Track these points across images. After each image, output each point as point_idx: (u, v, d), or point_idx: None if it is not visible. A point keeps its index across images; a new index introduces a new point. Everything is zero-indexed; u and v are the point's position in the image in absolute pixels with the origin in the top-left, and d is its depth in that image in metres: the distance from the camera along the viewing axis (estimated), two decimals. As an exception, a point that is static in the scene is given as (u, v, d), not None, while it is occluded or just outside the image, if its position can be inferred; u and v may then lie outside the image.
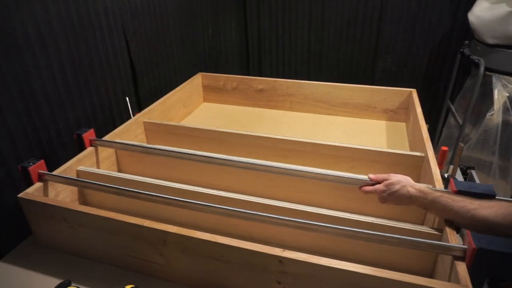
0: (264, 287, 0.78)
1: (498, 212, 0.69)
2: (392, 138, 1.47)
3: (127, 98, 1.42)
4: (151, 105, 1.45)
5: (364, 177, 0.94)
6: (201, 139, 1.30)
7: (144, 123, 1.37)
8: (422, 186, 0.84)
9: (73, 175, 1.06)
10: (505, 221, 0.68)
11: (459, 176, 1.37)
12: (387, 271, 0.67)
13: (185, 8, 1.83)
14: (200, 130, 1.30)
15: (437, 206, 0.78)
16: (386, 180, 0.87)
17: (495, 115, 1.72)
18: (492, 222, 0.69)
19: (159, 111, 1.47)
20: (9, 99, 1.01)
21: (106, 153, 1.19)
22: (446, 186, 0.89)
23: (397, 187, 0.84)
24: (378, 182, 0.89)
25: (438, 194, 0.79)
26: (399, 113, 1.60)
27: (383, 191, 0.86)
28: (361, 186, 0.93)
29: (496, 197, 0.81)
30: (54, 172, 1.01)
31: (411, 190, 0.82)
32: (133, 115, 1.36)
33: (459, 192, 0.82)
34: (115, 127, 1.27)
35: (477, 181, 1.37)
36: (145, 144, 1.30)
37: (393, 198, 0.85)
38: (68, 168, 1.04)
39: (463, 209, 0.74)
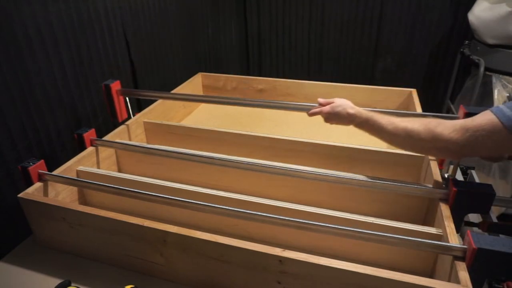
0: (264, 287, 0.78)
1: (415, 122, 0.83)
2: (392, 138, 1.47)
3: (127, 98, 1.42)
4: (151, 105, 1.45)
5: (354, 175, 0.95)
6: (201, 139, 1.30)
7: (144, 123, 1.37)
8: (359, 108, 0.97)
9: (73, 175, 1.06)
10: (421, 127, 0.81)
11: (459, 176, 1.37)
12: (387, 271, 0.67)
13: (185, 8, 1.83)
14: (200, 130, 1.30)
15: (370, 123, 0.92)
16: (331, 103, 1.02)
17: (495, 115, 1.72)
18: (410, 128, 0.83)
19: (159, 111, 1.47)
20: (9, 99, 1.01)
21: (106, 153, 1.19)
22: (446, 186, 0.90)
23: (339, 108, 0.98)
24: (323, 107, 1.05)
25: (371, 114, 0.93)
26: (399, 113, 1.60)
27: (328, 112, 1.01)
28: (309, 111, 1.06)
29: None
30: (54, 172, 1.01)
31: (350, 110, 0.96)
32: (133, 115, 1.36)
33: (459, 192, 0.82)
34: (115, 127, 1.27)
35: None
36: (145, 144, 1.30)
37: (336, 118, 1.00)
38: (68, 168, 1.04)
39: (388, 122, 0.88)
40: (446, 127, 0.77)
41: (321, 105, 1.04)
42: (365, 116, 0.93)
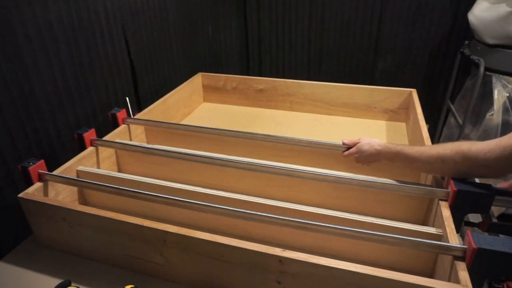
0: (264, 287, 0.78)
1: (447, 147, 0.83)
2: (392, 138, 1.47)
3: (127, 98, 1.42)
4: (151, 105, 1.45)
5: (346, 174, 0.94)
6: (201, 139, 1.30)
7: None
8: (386, 143, 0.99)
9: (73, 175, 1.06)
10: (453, 151, 0.81)
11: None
12: (387, 271, 0.67)
13: (185, 8, 1.83)
14: (200, 130, 1.30)
15: (401, 156, 0.93)
16: (357, 143, 1.04)
17: (495, 115, 1.72)
18: (442, 154, 0.83)
19: (159, 111, 1.47)
20: (9, 99, 1.01)
21: (106, 153, 1.19)
22: (446, 186, 0.89)
23: (366, 147, 1.01)
24: (351, 147, 1.07)
25: (400, 147, 0.94)
26: (399, 113, 1.60)
27: (356, 153, 1.04)
28: (344, 151, 1.09)
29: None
30: (54, 172, 1.01)
31: (378, 147, 0.99)
32: (133, 115, 1.36)
33: (459, 192, 0.82)
34: (115, 127, 1.27)
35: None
36: (145, 144, 1.30)
37: (365, 157, 1.02)
38: (68, 168, 1.04)
39: (419, 153, 0.88)
40: (480, 148, 0.77)
41: (346, 145, 1.08)
42: (394, 150, 0.95)
